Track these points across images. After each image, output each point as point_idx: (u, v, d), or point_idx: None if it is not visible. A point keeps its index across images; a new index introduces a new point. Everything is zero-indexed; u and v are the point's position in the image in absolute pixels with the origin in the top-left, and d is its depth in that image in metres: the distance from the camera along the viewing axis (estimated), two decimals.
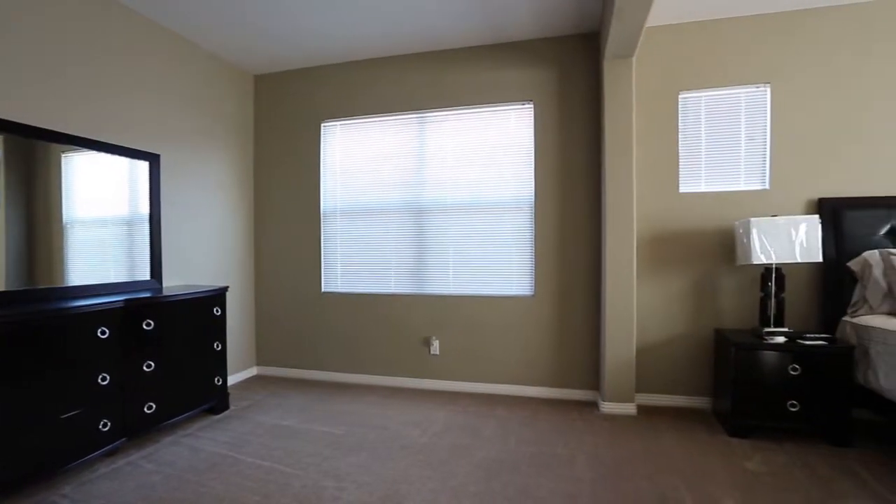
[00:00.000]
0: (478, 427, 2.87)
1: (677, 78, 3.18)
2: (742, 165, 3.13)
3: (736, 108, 3.14)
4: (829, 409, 2.57)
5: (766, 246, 2.70)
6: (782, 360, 2.62)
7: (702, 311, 3.16)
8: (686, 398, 3.18)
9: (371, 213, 3.80)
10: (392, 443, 2.64)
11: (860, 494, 2.08)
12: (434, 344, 3.62)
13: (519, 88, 3.46)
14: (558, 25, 3.24)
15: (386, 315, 3.74)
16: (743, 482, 2.19)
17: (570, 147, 3.38)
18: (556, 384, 3.40)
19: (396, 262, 3.75)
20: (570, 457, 2.45)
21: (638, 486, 2.15)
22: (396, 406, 3.26)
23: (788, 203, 3.04)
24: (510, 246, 3.51)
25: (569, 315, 3.38)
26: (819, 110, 3.00)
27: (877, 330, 2.49)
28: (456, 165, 3.62)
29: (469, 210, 3.58)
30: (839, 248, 2.92)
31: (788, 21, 3.03)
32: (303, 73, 3.94)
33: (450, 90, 3.60)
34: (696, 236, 3.16)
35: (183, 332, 2.83)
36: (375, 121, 3.79)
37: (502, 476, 2.24)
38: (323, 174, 3.91)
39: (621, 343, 3.06)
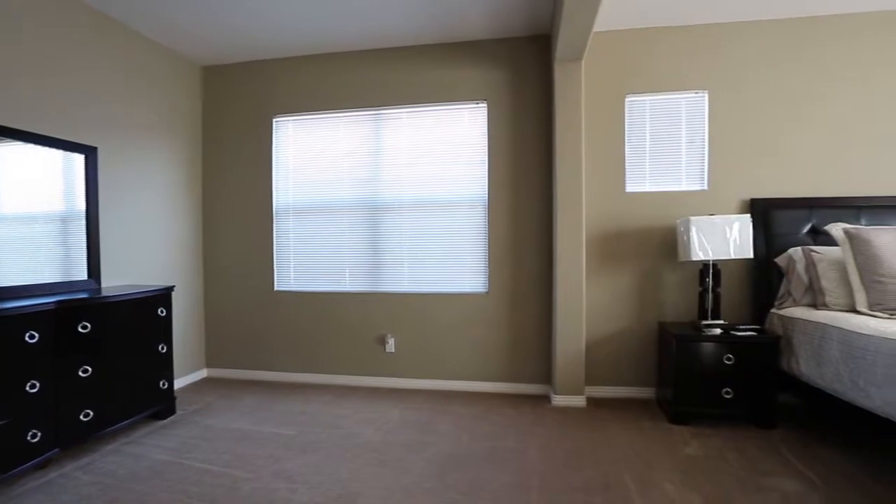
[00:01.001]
0: (432, 423, 2.89)
1: (624, 82, 3.31)
2: (683, 167, 3.30)
3: (677, 112, 3.30)
4: (758, 394, 2.76)
5: (704, 243, 2.86)
6: (718, 350, 2.79)
7: (647, 305, 3.31)
8: (632, 389, 3.33)
9: (325, 210, 3.74)
10: (346, 442, 2.63)
11: (783, 472, 2.25)
12: (389, 342, 3.61)
13: (473, 88, 3.50)
14: (511, 26, 3.30)
15: (341, 313, 3.71)
16: (682, 466, 2.32)
17: (522, 146, 3.45)
18: (509, 379, 3.48)
19: (351, 259, 3.72)
20: (522, 450, 2.51)
21: (585, 475, 2.23)
22: (351, 405, 3.24)
23: (724, 203, 3.23)
24: (465, 243, 3.55)
25: (522, 311, 3.46)
26: (750, 117, 3.20)
27: (798, 321, 2.70)
28: (411, 163, 3.62)
29: (424, 208, 3.60)
30: (768, 245, 3.13)
31: (724, 33, 3.21)
32: (254, 66, 3.82)
33: (405, 88, 3.59)
34: (642, 234, 3.30)
35: (124, 335, 2.70)
36: (329, 117, 3.74)
37: (455, 471, 2.28)
38: (275, 170, 3.81)
39: (571, 338, 3.16)
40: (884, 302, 2.48)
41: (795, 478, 2.20)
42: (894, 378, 1.97)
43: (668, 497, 2.04)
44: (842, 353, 2.32)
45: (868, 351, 2.15)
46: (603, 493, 2.07)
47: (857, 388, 2.19)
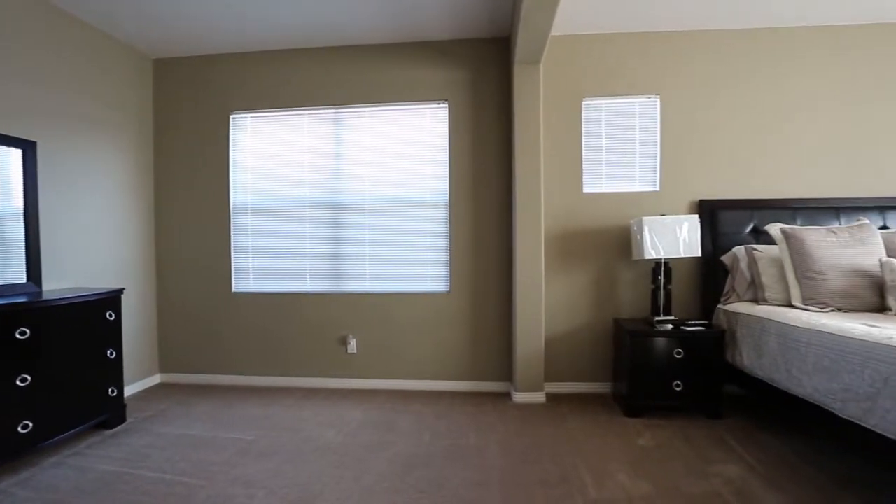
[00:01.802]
0: (394, 423, 2.90)
1: (581, 85, 3.41)
2: (637, 168, 3.42)
3: (631, 115, 3.42)
4: (706, 387, 2.90)
5: (656, 242, 2.98)
6: (669, 345, 2.92)
7: (603, 302, 3.42)
8: (590, 384, 3.43)
9: (285, 209, 3.68)
10: (306, 445, 2.59)
11: (728, 459, 2.38)
12: (351, 342, 3.59)
13: (434, 88, 3.51)
14: (472, 28, 3.33)
15: (301, 314, 3.65)
16: (635, 457, 2.42)
17: (483, 147, 3.49)
18: (471, 377, 3.52)
19: (312, 260, 3.67)
20: (482, 447, 2.55)
21: (543, 469, 2.29)
22: (312, 407, 3.20)
23: (675, 203, 3.37)
24: (426, 243, 3.56)
25: (483, 310, 3.51)
26: (699, 122, 3.36)
27: (741, 315, 2.86)
28: (372, 163, 3.60)
29: (386, 207, 3.59)
30: (715, 244, 3.29)
31: (675, 41, 3.35)
32: (209, 60, 3.70)
33: (366, 86, 3.57)
34: (599, 233, 3.41)
35: (68, 341, 2.57)
36: (290, 115, 3.67)
37: (416, 470, 2.29)
38: (233, 168, 3.71)
39: (531, 335, 3.23)
40: (815, 297, 2.66)
41: (738, 463, 2.33)
42: (823, 367, 2.12)
43: (621, 487, 2.12)
44: (779, 344, 2.47)
45: (801, 342, 2.30)
46: (560, 486, 2.13)
47: (791, 377, 2.34)
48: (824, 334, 2.18)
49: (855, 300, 2.63)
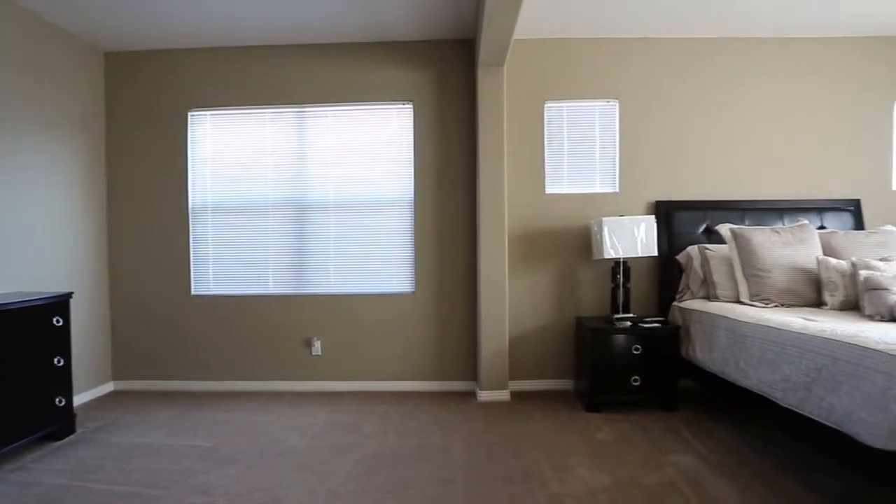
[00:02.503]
0: (359, 425, 2.89)
1: (544, 88, 3.48)
2: (597, 170, 3.53)
3: (592, 119, 3.52)
4: (662, 381, 3.02)
5: (615, 242, 3.08)
6: (628, 341, 3.02)
7: (565, 301, 3.51)
8: (553, 381, 3.51)
9: (247, 210, 3.60)
10: (269, 449, 2.55)
11: (682, 449, 2.49)
12: (316, 344, 3.55)
13: (399, 88, 3.51)
14: (437, 29, 3.35)
15: (265, 317, 3.58)
16: (594, 450, 2.49)
17: (447, 148, 3.52)
18: (436, 377, 3.54)
19: (275, 261, 3.60)
20: (447, 446, 2.58)
21: (507, 466, 2.34)
22: (276, 411, 3.15)
23: (634, 204, 3.49)
24: (391, 244, 3.56)
25: (448, 310, 3.54)
26: (655, 126, 3.49)
27: (695, 312, 2.99)
28: (337, 163, 3.57)
29: (350, 208, 3.57)
30: (671, 243, 3.43)
31: (633, 47, 3.47)
32: (165, 55, 3.58)
33: (330, 86, 3.54)
34: (561, 233, 3.49)
35: (10, 348, 2.43)
36: (251, 113, 3.60)
37: (382, 470, 2.30)
38: (192, 167, 3.60)
39: (495, 334, 3.28)
40: (761, 293, 2.81)
41: (691, 453, 2.44)
42: (766, 359, 2.25)
43: (581, 480, 2.19)
44: (728, 339, 2.60)
45: (747, 336, 2.43)
46: (523, 482, 2.17)
47: (739, 370, 2.47)
48: (767, 328, 2.31)
49: (796, 296, 2.80)
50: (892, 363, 1.63)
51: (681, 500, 2.01)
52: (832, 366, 1.88)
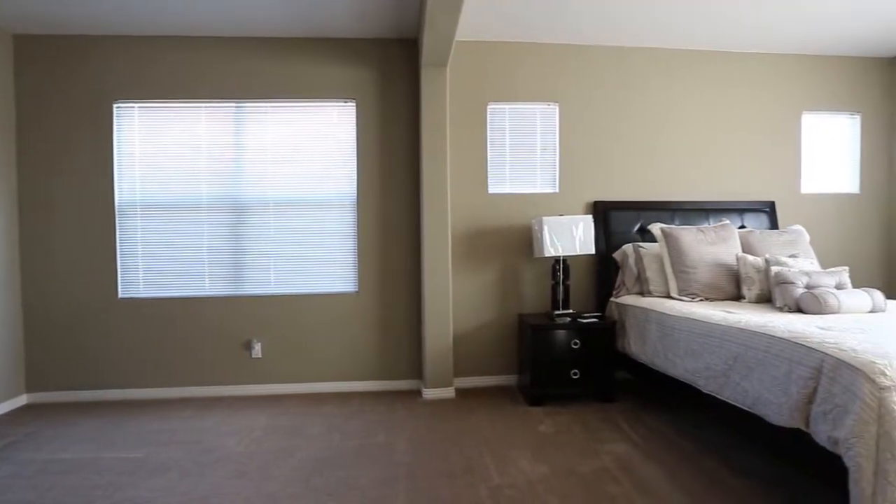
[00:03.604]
0: (301, 427, 2.82)
1: (486, 90, 3.54)
2: (538, 171, 3.63)
3: (533, 121, 3.62)
4: (600, 373, 3.15)
5: (555, 241, 3.18)
6: (568, 336, 3.13)
7: (508, 298, 3.59)
8: (497, 377, 3.58)
9: (181, 208, 3.43)
10: (205, 457, 2.44)
11: (617, 438, 2.61)
12: (256, 347, 3.43)
13: (341, 86, 3.47)
14: (379, 28, 3.33)
15: (201, 319, 3.42)
16: (536, 442, 2.57)
17: (390, 147, 3.51)
18: (382, 377, 3.52)
19: (211, 261, 3.46)
20: (392, 444, 2.57)
21: (450, 461, 2.36)
22: (214, 417, 3.02)
23: (573, 204, 3.63)
24: (333, 243, 3.51)
25: (392, 309, 3.53)
26: (593, 129, 3.64)
27: (629, 307, 3.15)
28: (277, 160, 3.48)
29: (291, 206, 3.48)
30: (608, 242, 3.58)
31: (572, 53, 3.61)
32: (87, 42, 3.34)
33: (270, 81, 3.43)
34: (503, 232, 3.57)
35: None
36: (185, 107, 3.43)
37: (323, 472, 2.26)
38: (117, 163, 3.38)
39: (440, 332, 3.30)
40: (688, 288, 3.00)
41: (625, 442, 2.56)
42: (691, 349, 2.41)
43: (522, 471, 2.25)
44: (659, 331, 2.76)
45: (675, 329, 2.59)
46: (465, 476, 2.21)
47: (668, 361, 2.62)
48: (692, 321, 2.48)
49: (718, 290, 3.01)
50: (794, 350, 1.79)
51: (614, 485, 2.11)
52: (746, 354, 2.04)
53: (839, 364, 1.59)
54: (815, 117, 3.91)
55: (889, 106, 3.95)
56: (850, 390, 1.51)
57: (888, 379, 1.45)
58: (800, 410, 1.71)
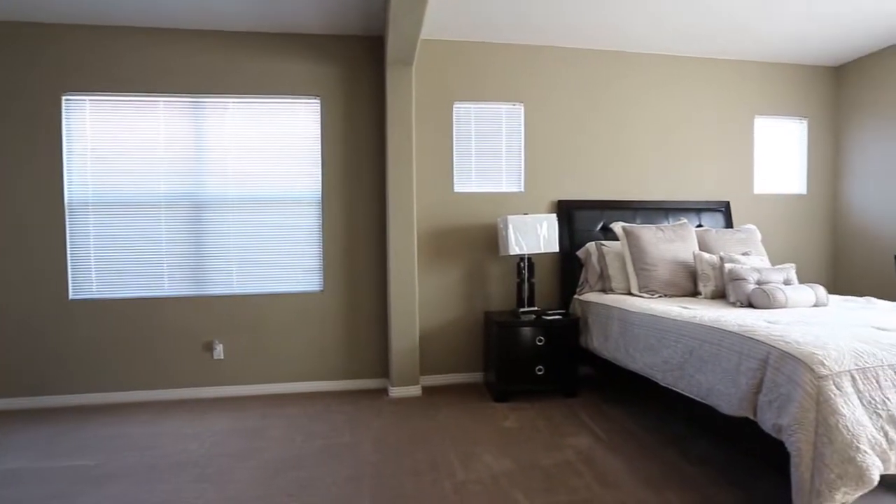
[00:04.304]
0: (264, 429, 2.77)
1: (452, 89, 3.56)
2: (504, 170, 3.67)
3: (499, 121, 3.66)
4: (564, 369, 3.21)
5: (520, 239, 3.23)
6: (532, 333, 3.18)
7: (474, 296, 3.61)
8: (464, 375, 3.60)
9: (137, 206, 3.31)
10: (162, 462, 2.37)
11: (580, 432, 2.67)
12: (217, 348, 3.35)
13: (306, 82, 3.41)
14: (345, 24, 3.30)
15: (159, 321, 3.31)
16: (500, 438, 2.60)
17: (356, 145, 3.48)
18: (348, 376, 3.49)
19: (170, 261, 3.35)
20: (357, 444, 2.55)
21: (415, 459, 2.36)
22: (172, 421, 2.93)
23: (538, 203, 3.68)
24: (298, 241, 3.46)
25: (358, 308, 3.50)
26: (557, 130, 3.70)
27: (592, 304, 3.22)
28: (239, 157, 3.40)
29: (254, 204, 3.41)
30: (572, 240, 3.65)
31: (537, 54, 3.66)
32: (33, 29, 3.17)
33: (232, 75, 3.35)
34: (469, 231, 3.59)
35: None
36: (140, 100, 3.30)
37: (286, 474, 2.22)
38: (67, 158, 3.23)
39: (406, 330, 3.30)
40: (648, 285, 3.09)
41: (588, 435, 2.63)
42: (650, 344, 2.48)
43: (486, 466, 2.27)
44: (620, 327, 2.83)
45: (636, 325, 2.66)
46: (430, 473, 2.21)
47: (628, 356, 2.70)
48: (651, 317, 2.56)
49: (677, 287, 3.11)
50: (743, 343, 1.87)
51: (576, 477, 2.16)
52: (700, 347, 2.12)
53: (783, 356, 1.68)
54: (767, 121, 4.10)
55: (833, 112, 4.18)
56: (792, 380, 1.60)
57: (826, 368, 1.54)
58: (748, 400, 1.79)
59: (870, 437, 1.46)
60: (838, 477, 1.41)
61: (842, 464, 1.41)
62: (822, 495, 1.41)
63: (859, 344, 1.65)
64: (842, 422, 1.45)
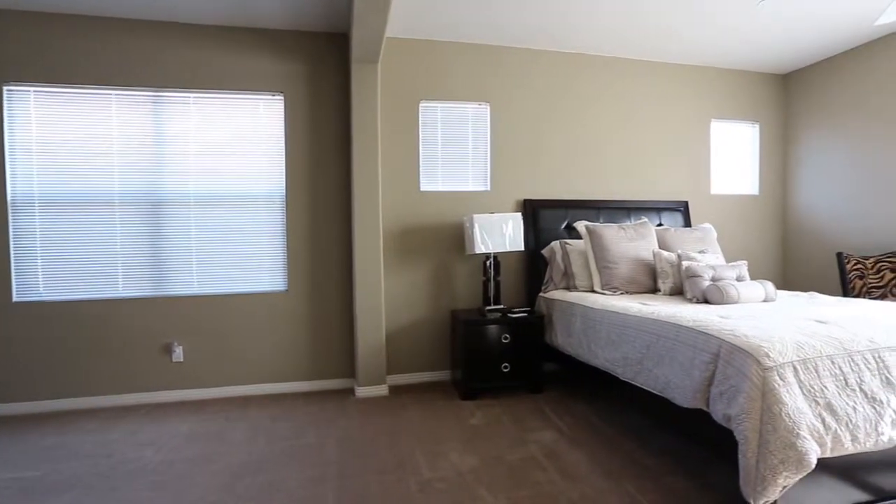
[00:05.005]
0: (225, 432, 2.70)
1: (419, 88, 3.55)
2: (470, 169, 3.70)
3: (465, 120, 3.68)
4: (529, 366, 3.26)
5: (486, 238, 3.25)
6: (498, 331, 3.21)
7: (441, 295, 3.62)
8: (431, 373, 3.61)
9: (89, 203, 3.16)
10: (115, 470, 2.28)
11: (544, 427, 2.71)
12: (177, 350, 3.24)
13: (269, 78, 3.34)
14: (309, 21, 3.25)
15: (114, 323, 3.18)
16: (467, 435, 2.62)
17: (321, 143, 3.43)
18: (313, 377, 3.44)
19: (126, 261, 3.22)
20: (321, 444, 2.52)
21: (381, 458, 2.35)
22: (127, 426, 2.82)
23: (504, 202, 3.72)
24: (262, 240, 3.38)
25: (324, 307, 3.46)
26: (523, 130, 3.75)
27: (556, 301, 3.28)
28: (200, 153, 3.30)
29: (215, 202, 3.32)
30: (537, 239, 3.71)
31: (502, 54, 3.69)
32: None
33: (193, 70, 3.25)
34: (435, 229, 3.60)
35: None
36: (93, 93, 3.16)
37: (247, 477, 2.17)
38: (9, 153, 3.06)
39: (372, 330, 3.28)
40: (610, 282, 3.17)
41: (551, 429, 2.67)
42: (611, 340, 2.55)
43: (452, 463, 2.28)
44: (583, 324, 2.89)
45: (597, 321, 2.73)
46: (396, 472, 2.21)
47: (591, 352, 2.76)
48: (613, 313, 2.62)
49: (637, 284, 3.20)
50: (697, 337, 1.95)
51: (539, 471, 2.19)
52: (657, 343, 2.19)
53: (733, 349, 1.75)
54: (722, 125, 4.27)
55: (782, 117, 4.39)
56: (741, 372, 1.67)
57: (771, 360, 1.62)
58: (701, 392, 1.86)
59: (809, 423, 1.55)
60: (780, 462, 1.48)
61: (784, 449, 1.49)
62: (766, 480, 1.48)
63: (801, 336, 1.74)
64: (784, 410, 1.53)
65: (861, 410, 1.62)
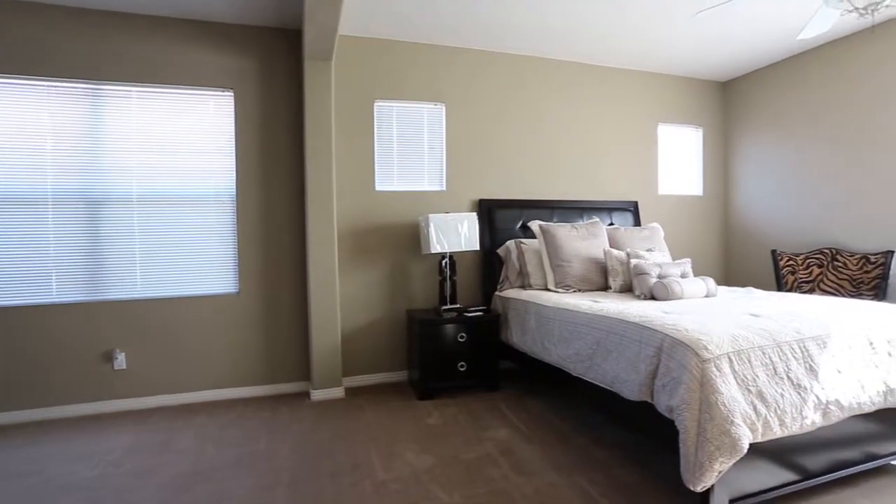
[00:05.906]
0: (171, 442, 2.58)
1: (373, 87, 3.53)
2: (425, 169, 3.70)
3: (420, 120, 3.68)
4: (485, 364, 3.29)
5: (441, 238, 3.26)
6: (454, 330, 3.23)
7: (397, 295, 3.61)
8: (388, 374, 3.59)
9: (17, 202, 2.96)
10: (45, 488, 2.13)
11: (500, 424, 2.75)
12: (119, 357, 3.08)
13: (218, 74, 3.23)
14: (259, 15, 3.16)
15: (45, 330, 2.98)
16: (423, 435, 2.61)
17: (273, 141, 3.35)
18: (266, 381, 3.35)
19: (60, 263, 3.03)
20: (274, 450, 2.46)
21: (335, 461, 2.32)
22: (60, 441, 2.65)
23: (459, 202, 3.75)
24: (210, 241, 3.26)
25: (277, 310, 3.37)
26: (478, 130, 3.79)
27: (512, 300, 3.33)
28: (145, 150, 3.15)
29: (161, 202, 3.17)
30: (492, 238, 3.75)
31: (458, 55, 3.72)
32: None
33: (136, 62, 3.09)
34: (391, 229, 3.58)
35: None
36: (22, 84, 2.95)
37: (195, 488, 2.09)
38: None
39: (327, 331, 3.23)
40: (563, 280, 3.25)
41: (507, 427, 2.71)
42: (563, 337, 2.61)
43: (407, 463, 2.28)
44: (537, 322, 2.95)
45: (551, 319, 2.79)
46: (351, 474, 2.18)
47: (544, 349, 2.82)
48: (565, 311, 2.68)
49: (589, 282, 3.29)
50: (642, 332, 2.03)
51: (494, 468, 2.22)
52: (606, 338, 2.26)
53: (675, 342, 1.83)
54: (669, 128, 4.46)
55: (723, 122, 4.63)
56: (682, 364, 1.75)
57: (709, 352, 1.71)
58: (646, 385, 1.94)
59: (742, 411, 1.64)
60: (716, 448, 1.56)
61: (719, 436, 1.57)
62: (704, 466, 1.56)
63: (736, 329, 1.84)
64: (720, 399, 1.62)
65: (788, 397, 1.73)
